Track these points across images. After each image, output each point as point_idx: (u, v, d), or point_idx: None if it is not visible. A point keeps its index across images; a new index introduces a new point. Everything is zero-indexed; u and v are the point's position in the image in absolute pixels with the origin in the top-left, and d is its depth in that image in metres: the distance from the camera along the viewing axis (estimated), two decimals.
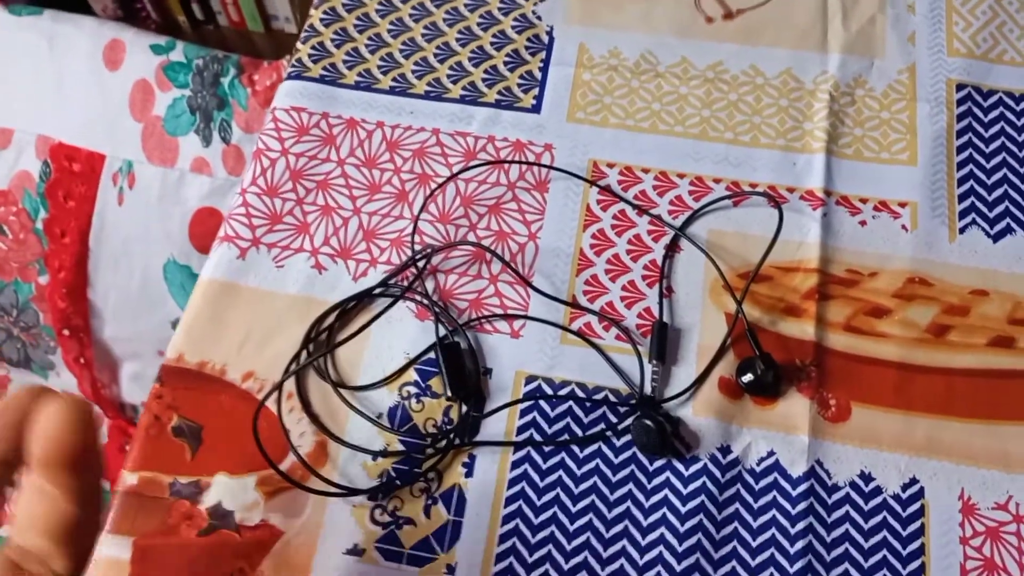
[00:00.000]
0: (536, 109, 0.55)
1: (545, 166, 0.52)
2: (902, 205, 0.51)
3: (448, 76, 0.56)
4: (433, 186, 0.52)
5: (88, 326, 0.87)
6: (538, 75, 0.56)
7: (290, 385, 0.47)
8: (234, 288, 0.49)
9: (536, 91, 0.55)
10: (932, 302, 0.48)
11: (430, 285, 0.49)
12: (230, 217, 0.51)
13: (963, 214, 0.51)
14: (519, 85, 0.55)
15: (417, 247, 0.50)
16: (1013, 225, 0.50)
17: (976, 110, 0.53)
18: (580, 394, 0.47)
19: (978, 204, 0.51)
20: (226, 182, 0.76)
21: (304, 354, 0.48)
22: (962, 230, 0.50)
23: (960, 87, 0.54)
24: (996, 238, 0.50)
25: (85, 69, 0.80)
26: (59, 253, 0.83)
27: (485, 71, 0.56)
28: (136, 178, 0.80)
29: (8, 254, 0.86)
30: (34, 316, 0.89)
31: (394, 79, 0.56)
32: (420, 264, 0.50)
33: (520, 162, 0.53)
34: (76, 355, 0.88)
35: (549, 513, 0.44)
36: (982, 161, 0.52)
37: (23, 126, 0.81)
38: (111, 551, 0.43)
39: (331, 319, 0.48)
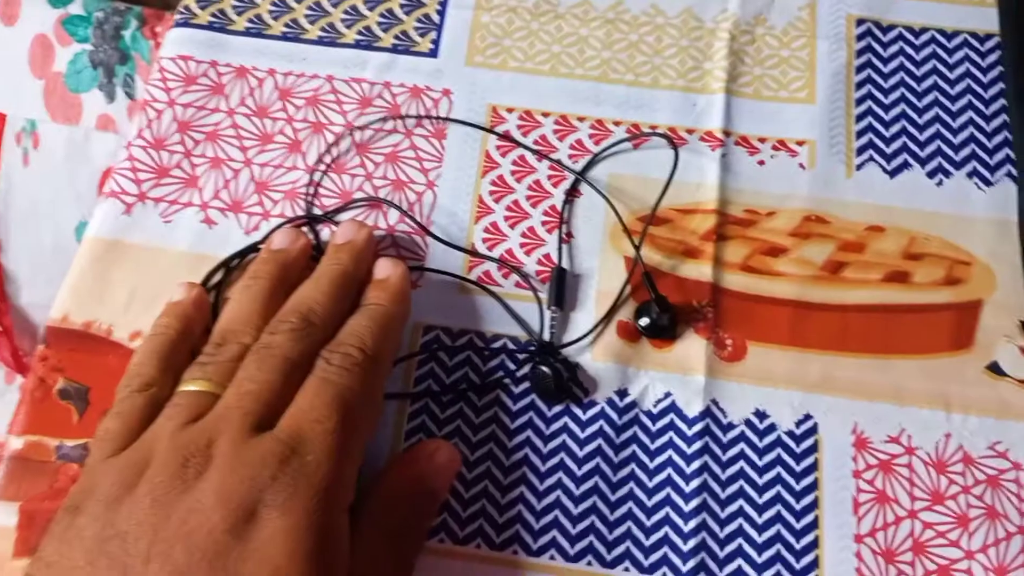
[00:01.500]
0: (434, 53, 0.53)
1: (440, 118, 0.51)
2: (800, 143, 0.51)
3: (342, 20, 0.54)
4: (328, 136, 0.51)
5: (4, 293, 0.84)
6: (436, 18, 0.54)
7: None
8: (119, 245, 0.48)
9: (434, 34, 0.54)
10: (828, 239, 0.48)
11: (325, 237, 0.48)
12: (115, 172, 0.50)
13: (860, 150, 0.50)
14: (416, 29, 0.54)
15: (312, 201, 0.49)
16: (910, 160, 0.50)
17: (876, 45, 0.53)
18: (479, 343, 0.46)
19: (875, 140, 0.51)
20: None
21: None
22: (859, 167, 0.50)
23: (860, 22, 0.54)
24: (893, 174, 0.50)
25: None
26: None
27: (381, 14, 0.54)
28: (40, 138, 0.77)
29: None
30: None
31: (286, 24, 0.54)
32: (309, 227, 0.48)
33: (415, 116, 0.51)
34: None
35: None
36: (880, 97, 0.52)
37: None
38: None
39: (219, 276, 0.47)
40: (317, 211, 0.49)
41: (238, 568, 0.30)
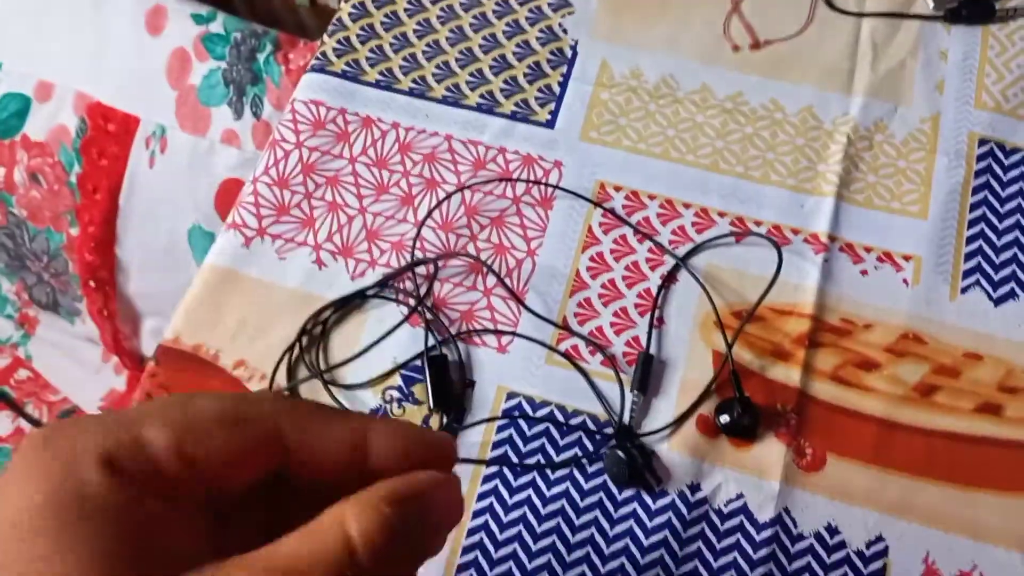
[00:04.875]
0: (551, 124, 0.55)
1: (552, 186, 0.53)
2: (906, 258, 0.50)
3: (467, 82, 0.56)
4: (440, 193, 0.53)
5: (113, 280, 0.90)
6: (557, 90, 0.56)
7: (281, 378, 0.49)
8: (235, 276, 0.51)
9: (552, 106, 0.55)
10: (924, 360, 0.48)
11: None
12: (239, 205, 0.53)
13: (967, 274, 0.50)
14: (536, 98, 0.55)
15: (418, 253, 0.51)
16: (1017, 290, 0.49)
17: (996, 167, 0.52)
18: (559, 416, 0.47)
19: (984, 265, 0.50)
20: (254, 156, 0.77)
21: (297, 346, 0.49)
22: (964, 290, 0.49)
23: (983, 142, 0.53)
24: (998, 302, 0.49)
25: (127, 31, 0.82)
26: (90, 208, 0.86)
27: (504, 81, 0.56)
28: (168, 143, 0.82)
29: (42, 203, 0.88)
30: (64, 264, 0.92)
31: (414, 80, 0.56)
32: (422, 272, 0.50)
33: (527, 180, 0.53)
34: (100, 306, 0.91)
35: (514, 531, 0.45)
36: (994, 221, 0.51)
37: (63, 81, 0.83)
38: None
39: (327, 314, 0.49)
40: (419, 254, 0.51)
41: None
